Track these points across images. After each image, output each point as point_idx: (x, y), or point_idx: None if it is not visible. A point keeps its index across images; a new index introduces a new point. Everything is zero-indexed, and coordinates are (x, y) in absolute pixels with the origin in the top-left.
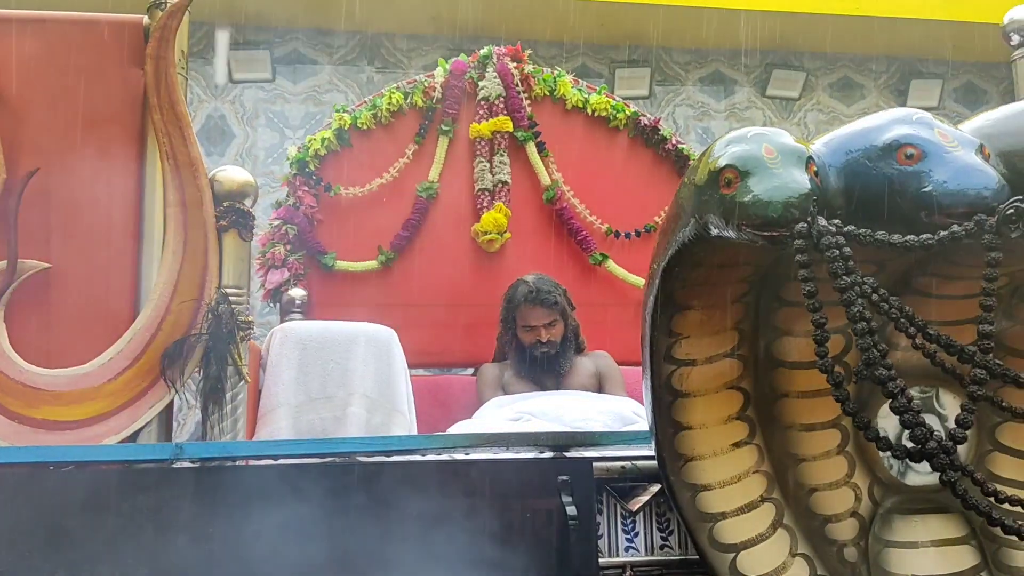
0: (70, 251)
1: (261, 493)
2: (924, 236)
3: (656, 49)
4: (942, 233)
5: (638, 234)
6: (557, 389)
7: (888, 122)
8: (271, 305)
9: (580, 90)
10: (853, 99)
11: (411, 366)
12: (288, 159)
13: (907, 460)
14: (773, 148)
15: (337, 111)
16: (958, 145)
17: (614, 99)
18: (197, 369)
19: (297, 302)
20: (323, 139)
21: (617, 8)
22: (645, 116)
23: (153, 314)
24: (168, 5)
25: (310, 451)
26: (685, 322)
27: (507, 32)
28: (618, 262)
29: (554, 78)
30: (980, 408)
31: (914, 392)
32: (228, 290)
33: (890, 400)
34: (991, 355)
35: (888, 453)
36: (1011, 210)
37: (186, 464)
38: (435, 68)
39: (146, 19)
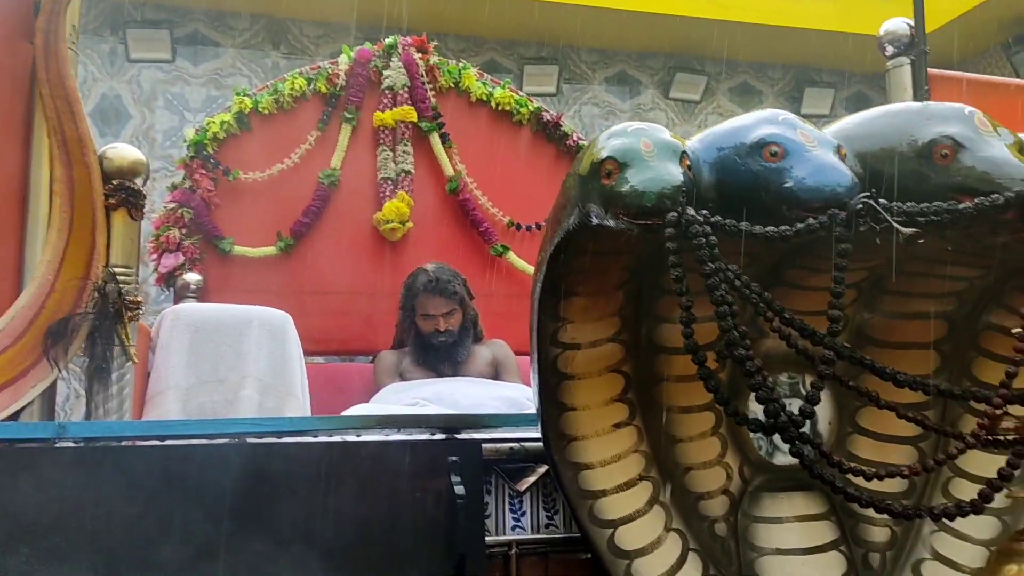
0: None
1: (147, 474)
2: (783, 227)
3: (564, 47)
4: (799, 225)
5: (539, 227)
6: (454, 376)
7: (756, 122)
8: (165, 290)
9: (484, 83)
10: (751, 104)
11: (309, 353)
12: (186, 141)
13: (772, 441)
14: (650, 142)
15: (238, 94)
16: (818, 145)
17: (518, 94)
18: (82, 349)
19: (192, 287)
20: (223, 122)
21: (527, 5)
22: (548, 112)
23: (37, 292)
24: None
25: (199, 431)
26: (570, 308)
27: (417, 24)
28: (519, 254)
29: (459, 70)
30: (842, 394)
31: (783, 378)
32: (116, 269)
33: (748, 378)
34: (839, 338)
35: (758, 434)
36: (860, 205)
37: (69, 444)
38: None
39: None
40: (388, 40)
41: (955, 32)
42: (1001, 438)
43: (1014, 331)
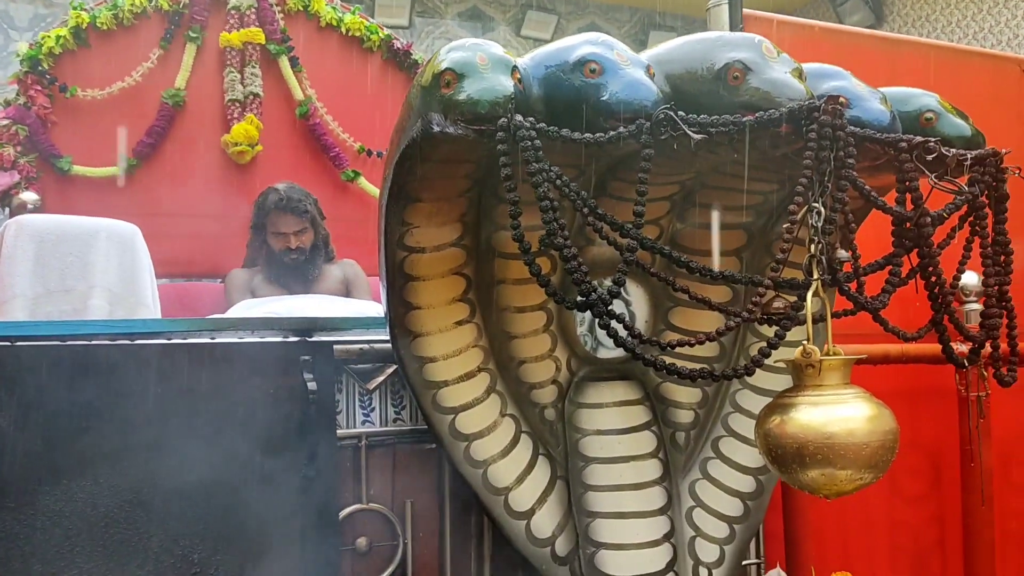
0: None
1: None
2: (598, 135)
3: None
4: (611, 133)
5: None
6: (306, 294)
7: (579, 43)
8: (1, 210)
9: (335, 8)
10: None
11: (158, 276)
12: (18, 56)
13: (596, 338)
14: (486, 56)
15: (74, 8)
16: (631, 64)
17: (368, 20)
18: None
19: (29, 206)
20: (58, 36)
21: None
22: (398, 40)
23: None
24: None
25: (50, 332)
26: (416, 213)
27: None
28: (370, 180)
29: None
30: (658, 297)
31: (607, 281)
32: None
33: (565, 263)
34: (640, 230)
35: (584, 332)
36: (662, 115)
37: None
38: None
39: None
40: None
41: None
42: (771, 317)
43: (784, 227)
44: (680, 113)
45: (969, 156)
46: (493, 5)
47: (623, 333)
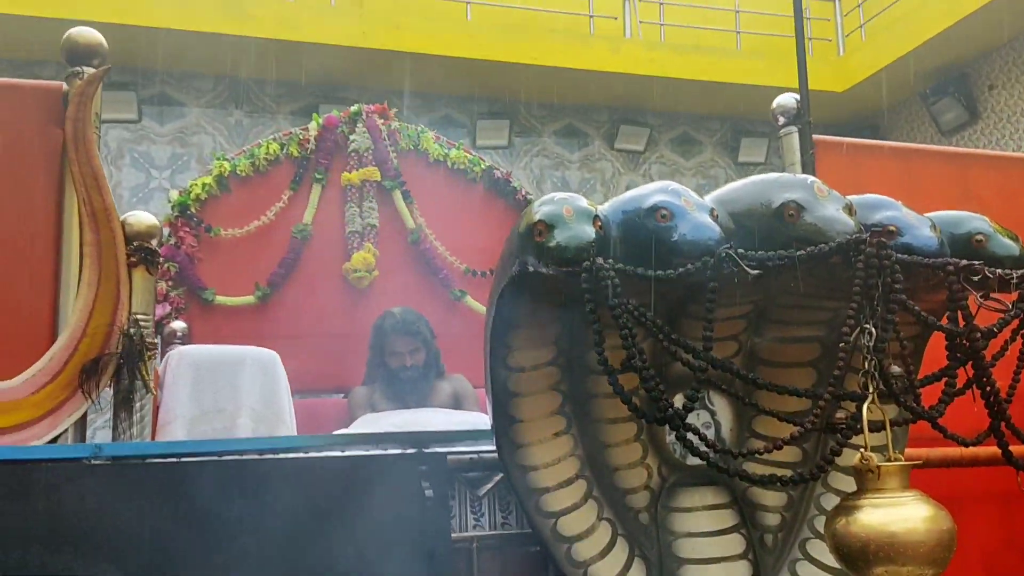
0: None
1: (167, 486)
2: (669, 272)
3: (515, 103)
4: (680, 270)
5: (492, 273)
6: (420, 407)
7: (652, 191)
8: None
9: (441, 144)
10: (692, 154)
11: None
12: (170, 201)
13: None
14: (571, 209)
15: (218, 159)
16: (696, 209)
17: (471, 153)
18: (110, 383)
19: (179, 334)
20: (204, 184)
21: (479, 65)
22: (498, 169)
23: (71, 336)
24: (85, 75)
25: (208, 450)
26: (516, 337)
27: (374, 82)
28: (475, 297)
29: (418, 133)
30: (741, 408)
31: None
32: (138, 316)
33: (644, 383)
34: (711, 352)
35: (672, 439)
36: (724, 253)
37: (103, 462)
38: (303, 114)
39: (65, 86)
40: (353, 108)
41: (878, 83)
42: (833, 426)
43: (840, 346)
44: (739, 251)
45: (1015, 275)
46: (587, 121)
47: (700, 445)
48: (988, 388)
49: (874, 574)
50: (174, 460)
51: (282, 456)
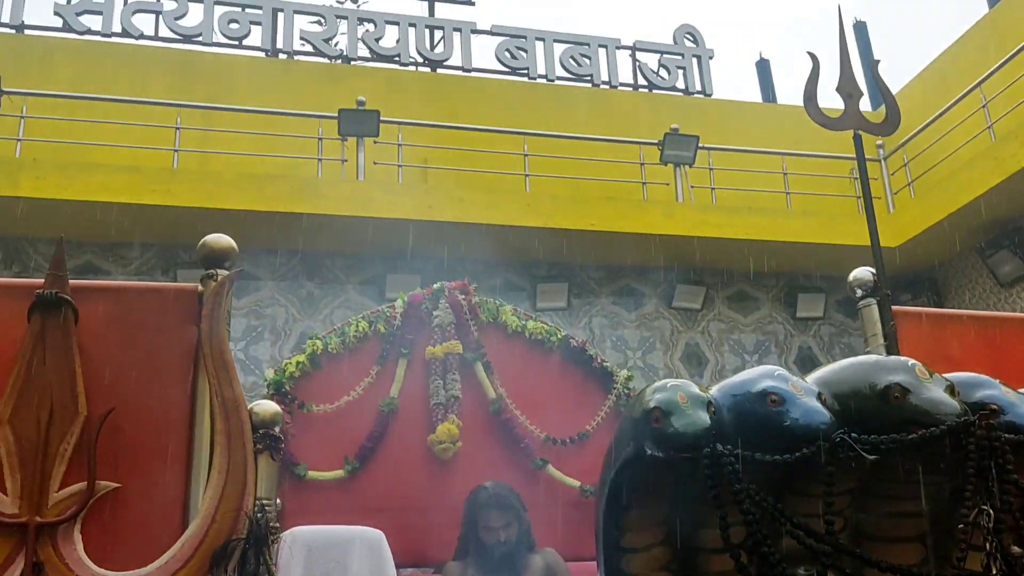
0: (135, 473)
1: None
2: (785, 456)
3: (573, 266)
4: (796, 454)
5: (572, 441)
6: None
7: (760, 376)
8: None
9: (519, 317)
10: (749, 310)
11: None
12: (266, 380)
13: None
14: (685, 395)
15: (311, 339)
16: (805, 393)
17: (547, 324)
18: (236, 567)
19: (272, 512)
20: (298, 363)
21: (538, 232)
22: (574, 339)
23: (201, 523)
24: (219, 277)
25: None
26: (628, 518)
27: (438, 252)
28: (556, 466)
29: (497, 307)
30: None
31: (801, 571)
32: (263, 501)
33: (771, 567)
34: (835, 536)
35: None
36: (838, 439)
37: None
38: (371, 284)
39: (200, 287)
40: (436, 285)
41: (932, 238)
42: None
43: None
44: (852, 435)
45: None
46: (643, 281)
47: None
48: None
49: None
50: None
51: None
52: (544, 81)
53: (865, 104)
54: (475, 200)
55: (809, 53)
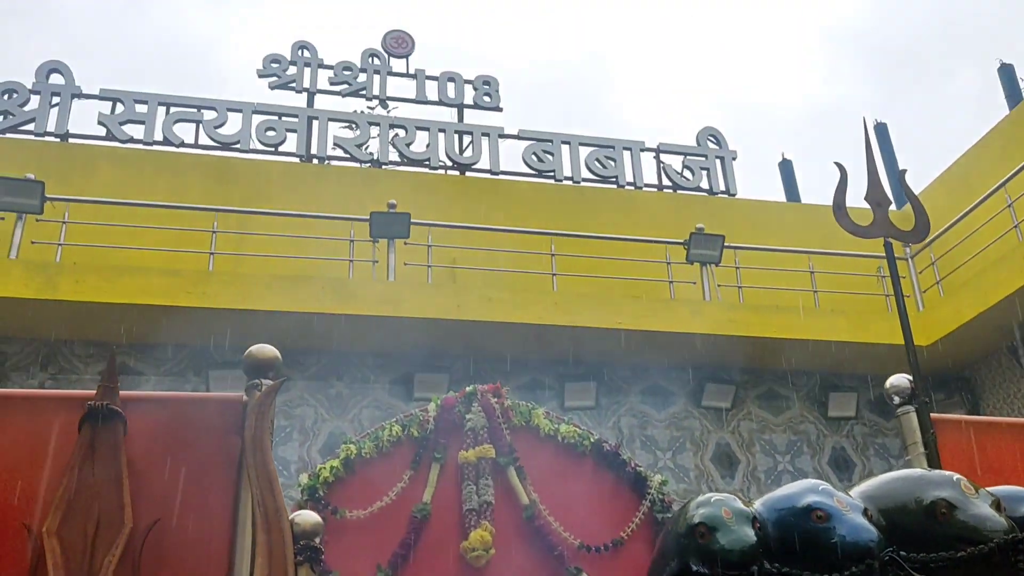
0: None
1: None
2: (834, 574)
3: (601, 364)
4: (845, 572)
5: (607, 548)
6: None
7: (804, 491)
8: None
9: (551, 420)
10: (780, 409)
11: None
12: (299, 485)
13: None
14: (730, 511)
15: (345, 443)
16: (850, 509)
17: (579, 428)
18: None
19: None
20: (332, 467)
21: (566, 331)
22: (607, 443)
23: None
24: (263, 387)
25: None
26: None
27: (466, 351)
28: (590, 573)
29: (529, 410)
30: None
31: None
32: None
33: None
34: None
35: None
36: (887, 558)
37: None
38: (399, 383)
39: (245, 396)
40: (468, 388)
41: (963, 337)
42: None
43: None
44: (902, 553)
45: None
46: (672, 380)
47: None
48: None
49: None
50: None
51: None
52: (570, 183)
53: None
54: (503, 299)
55: (836, 163)
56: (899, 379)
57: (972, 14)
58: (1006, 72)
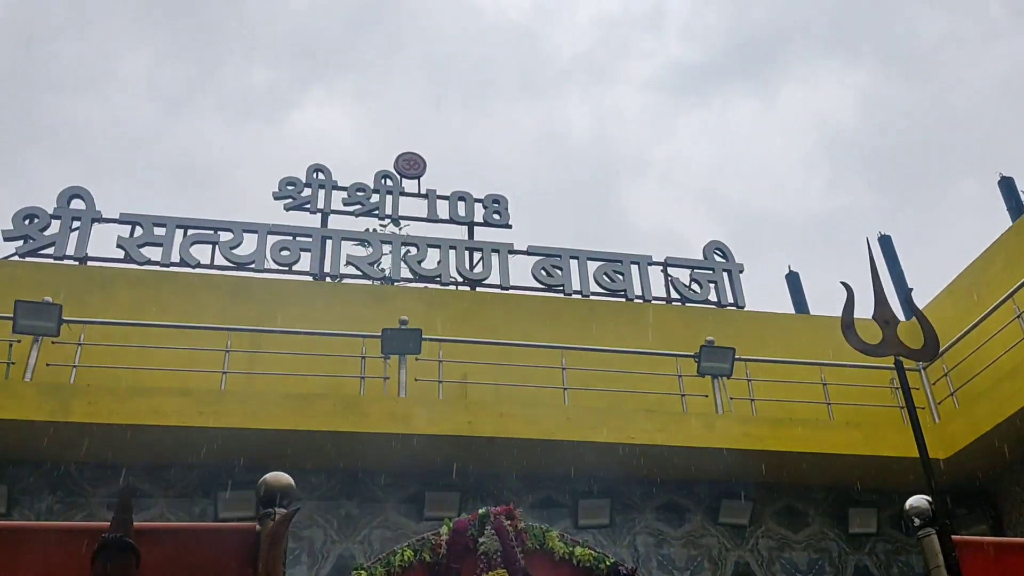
0: None
1: None
2: None
3: (614, 480)
4: None
5: None
6: None
7: None
8: None
9: (566, 543)
10: (799, 526)
11: None
12: None
13: None
14: None
15: (356, 569)
16: None
17: (595, 551)
18: None
19: None
20: None
21: (578, 446)
22: (623, 566)
23: None
24: (276, 515)
25: None
26: None
27: (478, 467)
28: None
29: (543, 532)
30: None
31: None
32: None
33: None
34: None
35: None
36: None
37: None
38: (411, 502)
39: (258, 526)
40: (481, 511)
41: (981, 448)
42: None
43: None
44: None
45: None
46: (688, 496)
47: None
48: None
49: None
50: None
51: None
52: (579, 297)
53: (898, 314)
54: (514, 415)
55: (843, 283)
56: (918, 500)
57: (970, 124)
58: (1007, 184)
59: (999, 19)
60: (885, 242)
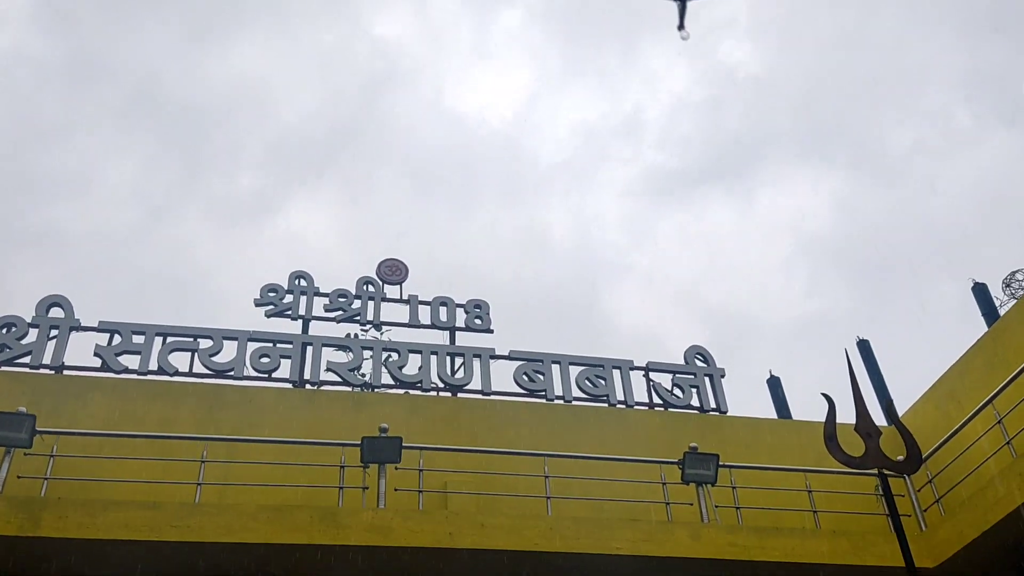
0: None
1: None
2: None
3: None
4: None
5: None
6: None
7: None
8: None
9: None
10: None
11: None
12: None
13: None
14: None
15: None
16: None
17: None
18: None
19: None
20: None
21: (562, 557)
22: None
23: None
24: None
25: None
26: None
27: None
28: None
29: None
30: None
31: None
32: None
33: None
34: None
35: None
36: None
37: None
38: None
39: None
40: None
41: (971, 556)
42: None
43: None
44: None
45: None
46: None
47: None
48: None
49: None
50: None
51: None
52: (561, 402)
53: (879, 418)
54: (496, 525)
55: (824, 395)
56: None
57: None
58: (980, 291)
59: (966, 130)
60: (864, 346)
